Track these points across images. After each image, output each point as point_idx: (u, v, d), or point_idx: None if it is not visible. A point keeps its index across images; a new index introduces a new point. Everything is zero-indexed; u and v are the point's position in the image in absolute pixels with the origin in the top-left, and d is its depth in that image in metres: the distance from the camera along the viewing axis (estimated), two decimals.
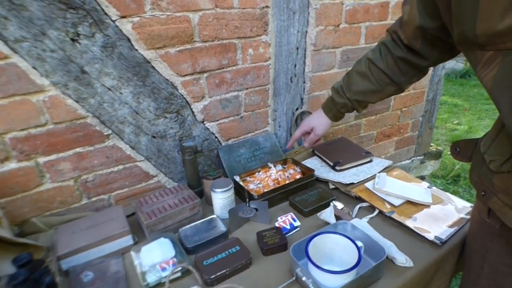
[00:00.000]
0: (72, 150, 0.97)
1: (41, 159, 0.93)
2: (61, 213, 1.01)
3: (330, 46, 1.40)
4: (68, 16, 0.84)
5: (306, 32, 1.31)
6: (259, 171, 1.21)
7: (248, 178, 1.18)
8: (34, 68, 0.84)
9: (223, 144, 1.28)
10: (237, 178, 1.13)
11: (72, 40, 0.87)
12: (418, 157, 2.15)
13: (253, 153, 1.30)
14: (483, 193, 0.69)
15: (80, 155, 0.99)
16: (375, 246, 0.79)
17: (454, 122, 3.62)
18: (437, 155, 2.20)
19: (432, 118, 2.05)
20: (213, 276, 0.76)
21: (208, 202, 1.10)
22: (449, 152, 2.52)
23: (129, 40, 0.94)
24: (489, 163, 0.65)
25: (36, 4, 0.80)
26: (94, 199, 1.06)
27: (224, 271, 0.78)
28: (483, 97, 4.41)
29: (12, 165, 0.90)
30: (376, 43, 0.93)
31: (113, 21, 0.90)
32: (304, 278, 0.73)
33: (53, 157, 0.95)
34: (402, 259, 0.81)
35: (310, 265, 0.72)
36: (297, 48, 1.31)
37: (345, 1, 1.34)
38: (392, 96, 1.49)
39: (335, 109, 1.02)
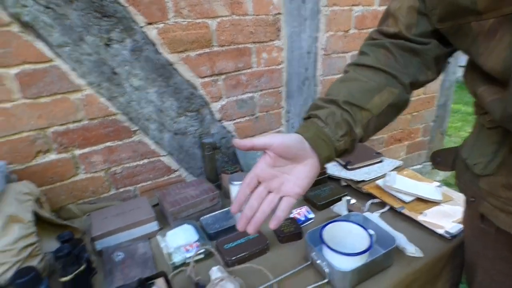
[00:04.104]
0: (103, 144, 1.05)
1: (77, 152, 1.02)
2: (92, 202, 1.09)
3: (340, 50, 1.46)
4: (103, 24, 0.94)
5: (317, 37, 1.37)
6: None
7: None
8: (73, 70, 0.94)
9: None
10: None
11: (106, 44, 0.96)
12: (430, 163, 2.15)
13: None
14: (472, 199, 0.65)
15: (110, 149, 1.07)
16: (385, 236, 0.81)
17: (468, 131, 3.59)
18: None
19: (443, 124, 2.06)
20: (233, 258, 0.81)
21: (226, 196, 1.14)
22: None
23: (154, 44, 1.03)
24: (473, 167, 0.62)
25: (75, 13, 0.90)
26: (121, 190, 1.14)
27: (244, 253, 0.82)
28: None
29: (52, 156, 0.99)
30: None
31: (141, 27, 1.00)
32: (319, 261, 0.75)
33: (87, 150, 1.03)
34: (412, 249, 0.82)
35: (324, 249, 0.75)
36: (309, 53, 1.38)
37: (354, 7, 1.41)
38: None
39: (313, 128, 0.54)
